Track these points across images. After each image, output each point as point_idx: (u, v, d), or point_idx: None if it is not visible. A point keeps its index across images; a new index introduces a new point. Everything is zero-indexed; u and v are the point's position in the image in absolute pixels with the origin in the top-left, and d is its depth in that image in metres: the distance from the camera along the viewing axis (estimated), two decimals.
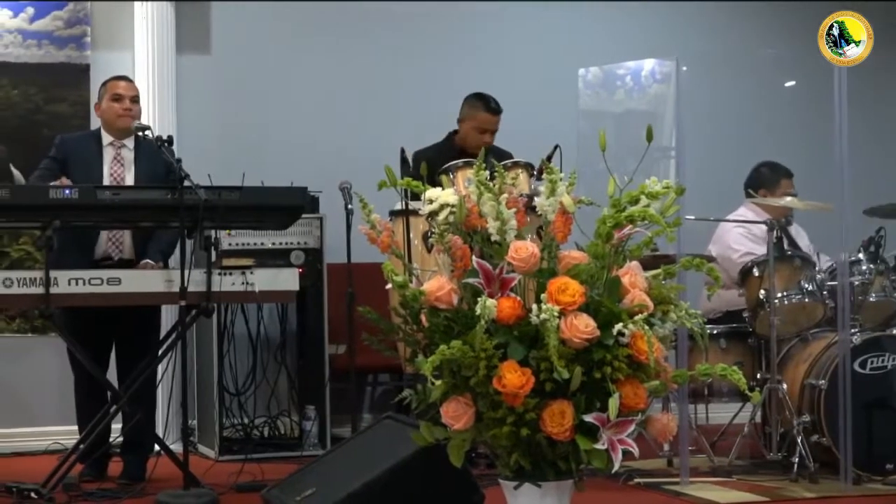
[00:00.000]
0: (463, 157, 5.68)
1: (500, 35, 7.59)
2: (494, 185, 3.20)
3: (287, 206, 5.05)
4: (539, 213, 3.26)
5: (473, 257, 3.15)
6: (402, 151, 5.77)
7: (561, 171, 3.26)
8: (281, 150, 7.05)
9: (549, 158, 5.14)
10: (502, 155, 5.71)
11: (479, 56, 7.47)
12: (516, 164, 5.16)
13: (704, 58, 7.20)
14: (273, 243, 6.22)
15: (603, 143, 3.32)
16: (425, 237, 4.87)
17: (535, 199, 3.32)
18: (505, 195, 3.20)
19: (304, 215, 5.58)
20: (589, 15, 7.77)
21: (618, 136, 5.77)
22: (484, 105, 6.06)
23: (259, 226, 5.69)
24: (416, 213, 3.98)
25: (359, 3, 7.37)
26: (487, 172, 3.26)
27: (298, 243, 6.28)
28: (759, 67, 7.87)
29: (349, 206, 5.66)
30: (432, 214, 3.27)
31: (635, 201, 3.18)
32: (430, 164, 3.58)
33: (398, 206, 5.22)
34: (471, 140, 6.02)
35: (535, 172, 5.20)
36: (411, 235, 5.08)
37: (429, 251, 4.83)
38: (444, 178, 3.75)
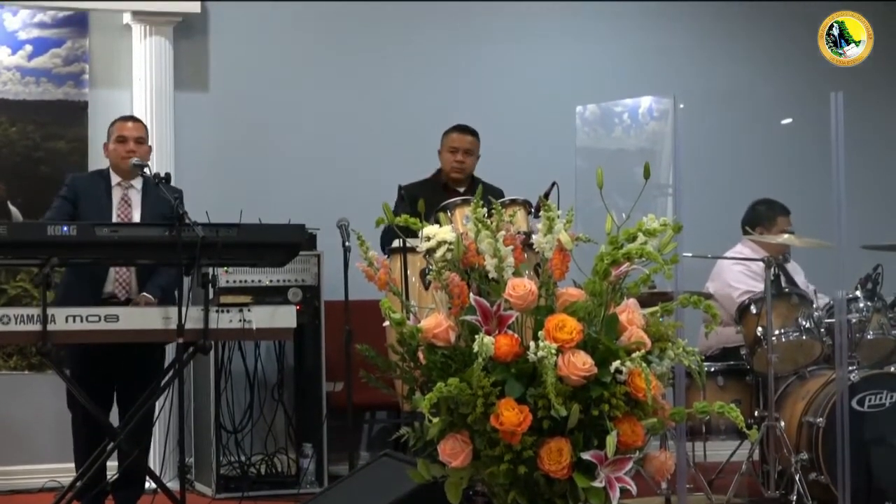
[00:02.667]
0: (446, 192, 5.72)
1: (499, 73, 7.61)
2: (492, 223, 3.21)
3: (284, 243, 5.05)
4: (536, 250, 3.27)
5: (471, 294, 3.16)
6: (400, 189, 5.80)
7: (558, 209, 3.27)
8: (278, 187, 7.06)
9: (546, 196, 5.15)
10: (492, 192, 5.73)
11: (478, 94, 7.49)
12: (514, 202, 5.17)
13: (702, 95, 7.23)
14: (270, 280, 6.22)
15: (600, 181, 3.33)
16: (423, 274, 4.87)
17: (533, 236, 3.33)
18: (502, 232, 3.21)
19: (301, 252, 5.58)
20: (587, 52, 7.81)
21: (615, 173, 5.76)
22: (457, 127, 6.19)
23: (257, 263, 5.69)
24: (413, 250, 3.99)
25: (356, 43, 7.41)
26: (485, 210, 3.27)
27: (296, 280, 6.29)
28: (755, 105, 7.90)
29: (346, 244, 5.67)
30: (430, 252, 3.28)
31: (633, 239, 3.19)
32: (417, 198, 3.60)
33: (396, 243, 5.23)
34: (445, 164, 6.13)
35: (532, 210, 5.21)
36: (409, 272, 5.08)
37: (426, 288, 4.82)
38: (442, 214, 3.76)
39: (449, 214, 4.90)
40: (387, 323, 3.21)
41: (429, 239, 3.28)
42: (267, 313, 5.07)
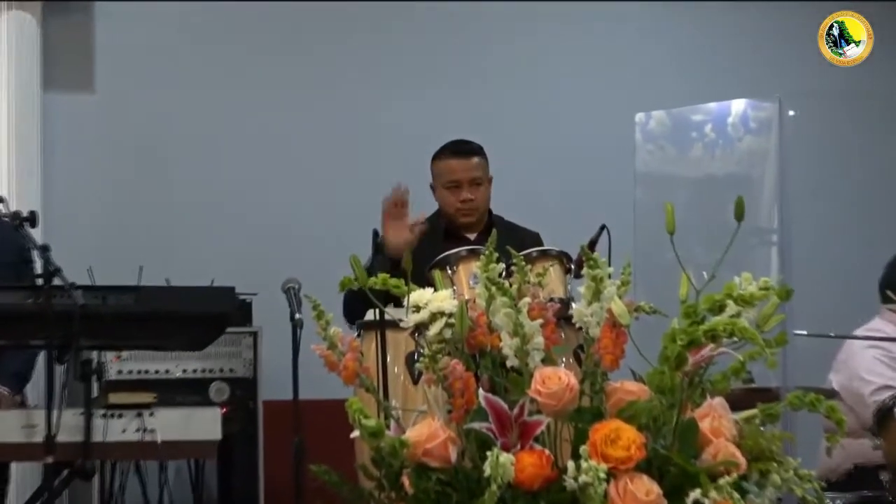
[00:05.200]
0: (449, 241, 5.68)
1: (526, 68, 7.66)
2: (512, 284, 3.22)
3: (205, 315, 5.06)
4: (578, 325, 3.28)
5: (481, 391, 3.16)
6: (376, 235, 5.79)
7: (609, 264, 3.28)
8: (196, 232, 7.08)
9: (591, 245, 5.17)
10: (523, 236, 5.73)
11: (489, 100, 7.53)
12: (546, 254, 5.19)
13: (820, 97, 7.26)
14: (184, 371, 6.23)
15: (671, 223, 3.34)
16: (410, 361, 4.88)
17: (573, 304, 3.33)
18: (527, 299, 3.22)
19: (229, 329, 5.59)
20: (648, 43, 7.85)
21: (693, 211, 5.80)
22: (448, 149, 6.02)
23: (163, 344, 5.69)
24: (396, 325, 3.99)
25: (321, 25, 7.44)
26: (502, 265, 3.28)
27: (221, 371, 6.30)
28: None
29: (297, 316, 5.66)
30: (420, 328, 3.28)
31: (719, 309, 3.20)
32: (412, 253, 3.61)
33: (370, 316, 5.24)
34: (446, 206, 6.00)
35: (572, 266, 5.23)
36: (389, 359, 5.09)
37: (415, 382, 4.83)
38: (438, 272, 3.76)
39: (449, 272, 4.92)
40: (356, 433, 3.21)
41: (418, 309, 3.28)
42: (178, 419, 5.06)
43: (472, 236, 5.86)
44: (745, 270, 3.26)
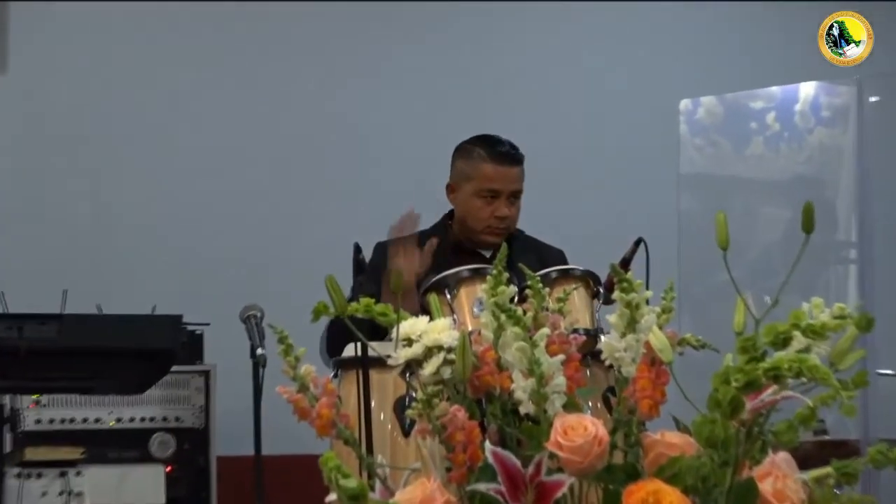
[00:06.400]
0: (461, 257, 5.67)
1: (547, 49, 7.68)
2: (526, 312, 3.22)
3: (145, 350, 5.07)
4: (608, 362, 3.29)
5: (487, 444, 3.17)
6: (358, 250, 5.79)
7: (647, 286, 3.29)
8: (134, 248, 7.08)
9: (625, 263, 5.17)
10: (544, 253, 5.73)
11: (506, 91, 7.56)
12: (568, 275, 5.19)
13: None
14: (118, 419, 6.23)
15: (724, 237, 3.35)
16: (399, 407, 4.89)
17: (602, 337, 3.34)
18: (545, 330, 3.22)
19: (174, 368, 5.59)
20: (698, 15, 7.87)
21: (750, 220, 5.81)
22: (488, 150, 5.94)
23: (93, 387, 5.70)
24: (382, 363, 4.01)
25: (274, 17, 7.48)
26: (513, 288, 3.29)
27: (165, 419, 6.30)
28: None
29: (259, 351, 5.67)
30: (412, 366, 3.29)
31: (784, 342, 3.20)
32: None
33: (349, 351, 5.25)
34: (471, 216, 5.93)
35: (600, 289, 5.23)
36: (374, 404, 5.10)
37: (406, 434, 4.84)
38: (434, 296, 3.77)
39: (448, 296, 4.92)
40: (332, 496, 3.22)
41: (410, 342, 3.29)
42: (111, 480, 5.08)
43: (488, 253, 5.82)
44: (816, 294, 3.26)
